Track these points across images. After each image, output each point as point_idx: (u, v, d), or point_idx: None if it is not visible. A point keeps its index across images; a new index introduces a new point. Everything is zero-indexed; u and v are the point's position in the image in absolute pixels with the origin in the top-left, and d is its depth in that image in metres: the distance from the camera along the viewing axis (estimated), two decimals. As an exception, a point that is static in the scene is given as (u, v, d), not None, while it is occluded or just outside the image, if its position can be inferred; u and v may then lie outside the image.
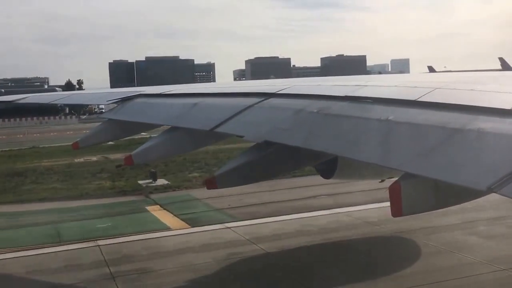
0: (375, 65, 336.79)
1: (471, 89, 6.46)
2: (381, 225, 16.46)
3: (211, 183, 7.83)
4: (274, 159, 7.86)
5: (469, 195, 5.91)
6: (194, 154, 28.00)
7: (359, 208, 18.75)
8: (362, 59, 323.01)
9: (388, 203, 5.33)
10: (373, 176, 10.52)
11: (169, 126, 10.05)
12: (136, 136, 15.21)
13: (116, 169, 28.64)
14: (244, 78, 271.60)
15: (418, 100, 6.16)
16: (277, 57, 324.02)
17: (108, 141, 12.67)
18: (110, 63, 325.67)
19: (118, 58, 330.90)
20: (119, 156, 28.50)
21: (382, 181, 10.27)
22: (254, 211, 19.57)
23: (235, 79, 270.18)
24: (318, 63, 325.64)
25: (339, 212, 18.62)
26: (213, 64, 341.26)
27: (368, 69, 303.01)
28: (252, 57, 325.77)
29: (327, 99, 7.41)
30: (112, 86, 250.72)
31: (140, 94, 12.14)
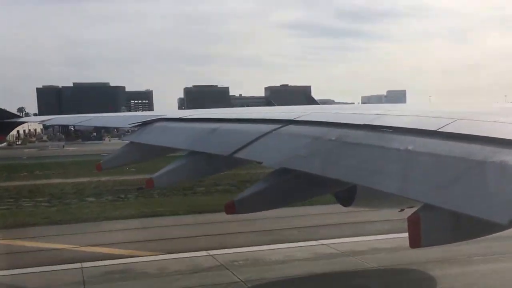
0: (371, 96, 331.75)
1: (494, 121, 6.36)
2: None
3: (230, 208, 7.75)
4: (292, 186, 7.77)
5: (490, 229, 5.76)
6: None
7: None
8: (306, 90, 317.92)
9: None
10: (392, 205, 10.36)
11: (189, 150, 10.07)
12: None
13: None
14: (183, 107, 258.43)
15: (439, 130, 6.09)
16: (216, 85, 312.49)
17: (130, 164, 12.78)
18: (38, 89, 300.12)
19: (47, 84, 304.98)
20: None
21: (402, 210, 10.10)
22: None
23: (180, 108, 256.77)
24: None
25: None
26: (151, 91, 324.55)
27: (364, 100, 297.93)
28: (190, 85, 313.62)
29: (346, 127, 7.37)
30: (40, 113, 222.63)
31: (161, 118, 12.30)
